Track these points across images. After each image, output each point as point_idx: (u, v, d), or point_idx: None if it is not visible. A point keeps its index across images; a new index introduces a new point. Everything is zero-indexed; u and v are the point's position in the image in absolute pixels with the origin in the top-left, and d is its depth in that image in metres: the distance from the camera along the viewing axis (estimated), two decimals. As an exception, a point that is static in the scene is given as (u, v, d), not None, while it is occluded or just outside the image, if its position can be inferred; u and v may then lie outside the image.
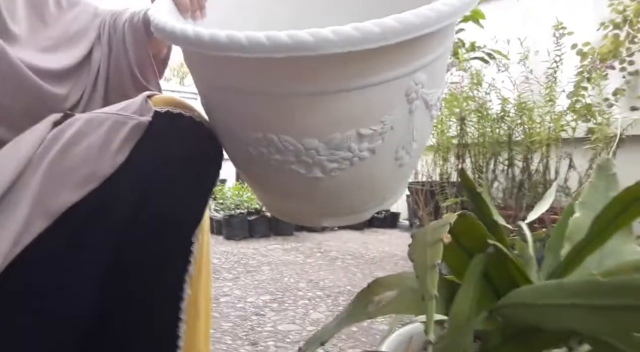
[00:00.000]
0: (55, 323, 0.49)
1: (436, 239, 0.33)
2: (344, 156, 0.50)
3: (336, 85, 0.45)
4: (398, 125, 0.50)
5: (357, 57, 0.41)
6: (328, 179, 0.51)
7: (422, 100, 0.51)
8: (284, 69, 0.44)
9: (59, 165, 0.49)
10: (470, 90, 1.91)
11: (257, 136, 0.50)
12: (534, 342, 0.32)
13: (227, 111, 0.53)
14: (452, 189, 1.97)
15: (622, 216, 0.39)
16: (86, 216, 0.50)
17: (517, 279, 0.44)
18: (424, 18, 0.41)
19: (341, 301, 1.57)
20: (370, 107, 0.47)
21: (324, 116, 0.47)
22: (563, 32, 1.76)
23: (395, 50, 0.42)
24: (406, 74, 0.47)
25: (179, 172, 0.54)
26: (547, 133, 1.75)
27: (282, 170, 0.52)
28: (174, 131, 0.55)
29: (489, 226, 0.45)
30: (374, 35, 0.40)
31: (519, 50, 1.86)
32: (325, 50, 0.39)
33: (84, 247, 0.50)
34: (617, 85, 1.76)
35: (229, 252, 2.41)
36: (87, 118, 0.53)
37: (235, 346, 1.19)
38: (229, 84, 0.48)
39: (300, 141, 0.48)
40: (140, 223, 0.53)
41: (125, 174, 0.52)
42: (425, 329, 0.27)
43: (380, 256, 2.36)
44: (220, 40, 0.41)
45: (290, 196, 0.59)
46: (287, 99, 0.46)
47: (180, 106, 0.57)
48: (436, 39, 0.49)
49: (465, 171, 0.50)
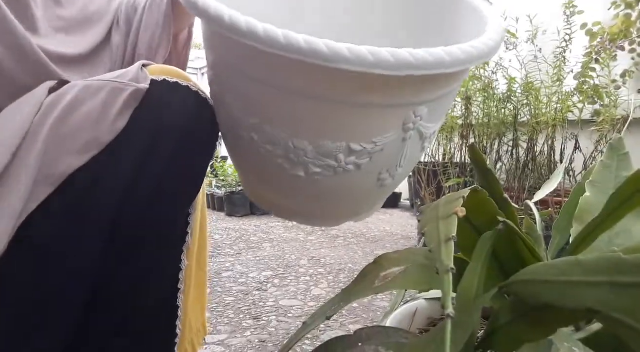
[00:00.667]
0: (64, 279, 0.50)
1: (449, 212, 0.33)
2: (329, 164, 0.51)
3: (340, 97, 0.46)
4: (388, 148, 0.51)
5: (366, 77, 0.42)
6: (309, 180, 0.52)
7: (417, 132, 0.52)
8: (296, 69, 0.44)
9: (60, 131, 0.49)
10: (477, 70, 1.88)
11: (253, 122, 0.50)
12: (547, 321, 0.31)
13: (233, 90, 0.52)
14: (455, 170, 1.96)
15: (637, 196, 0.38)
16: (88, 181, 0.50)
17: (526, 257, 0.43)
18: (439, 59, 0.42)
19: (342, 278, 1.58)
20: (366, 125, 0.48)
21: (321, 122, 0.48)
22: (573, 11, 1.72)
23: (404, 80, 0.43)
24: (409, 104, 0.48)
25: (177, 141, 0.54)
26: (553, 114, 1.73)
27: (269, 161, 0.52)
28: (171, 100, 0.55)
29: (499, 203, 0.44)
30: (387, 63, 0.40)
31: (527, 29, 1.83)
32: (337, 64, 0.40)
33: (86, 212, 0.50)
34: (626, 66, 1.73)
35: (231, 229, 2.42)
36: (84, 85, 0.53)
37: (238, 320, 1.20)
38: (244, 68, 0.48)
39: (291, 139, 0.49)
40: (139, 192, 0.53)
41: (124, 141, 0.52)
42: (442, 304, 0.26)
43: (381, 234, 2.36)
44: (258, 32, 0.41)
45: (270, 186, 0.60)
46: (292, 97, 0.47)
47: (176, 75, 0.57)
48: (445, 79, 0.49)
49: (475, 147, 0.49)
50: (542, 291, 0.31)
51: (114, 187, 0.52)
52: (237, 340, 1.09)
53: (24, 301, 0.49)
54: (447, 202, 0.35)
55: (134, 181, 0.53)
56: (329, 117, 0.47)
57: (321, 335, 1.10)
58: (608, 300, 0.24)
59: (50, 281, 0.49)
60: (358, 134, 0.49)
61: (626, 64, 1.73)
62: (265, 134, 0.50)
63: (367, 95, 0.45)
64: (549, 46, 1.78)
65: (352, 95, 0.45)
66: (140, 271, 0.57)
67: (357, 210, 0.65)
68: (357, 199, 0.60)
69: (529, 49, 1.83)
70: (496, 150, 1.91)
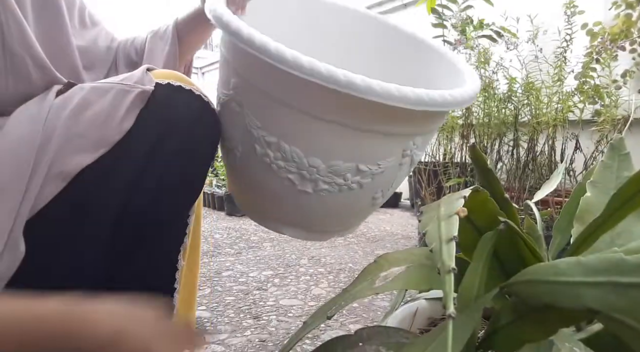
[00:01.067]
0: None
1: (451, 212, 0.33)
2: (338, 182, 0.56)
3: (359, 124, 0.51)
4: (387, 171, 0.57)
5: (386, 109, 0.48)
6: (315, 196, 0.58)
7: (410, 158, 0.59)
8: (325, 97, 0.49)
9: (70, 130, 0.51)
10: (477, 69, 1.88)
11: (270, 140, 0.55)
12: (548, 321, 0.31)
13: (254, 110, 0.56)
14: (456, 169, 1.96)
15: (638, 196, 0.38)
16: (96, 178, 0.51)
17: (527, 257, 0.43)
18: (444, 99, 0.50)
19: (342, 278, 1.58)
20: (375, 149, 0.55)
21: (338, 145, 0.53)
22: (574, 11, 1.72)
23: (414, 114, 0.50)
24: (411, 134, 0.55)
25: (180, 141, 0.56)
26: (554, 114, 1.73)
27: (278, 176, 0.57)
28: (176, 101, 0.56)
29: (500, 203, 0.44)
30: (408, 99, 0.47)
31: (528, 29, 1.82)
32: (367, 96, 0.46)
33: (92, 209, 0.51)
34: (627, 66, 1.73)
35: (231, 228, 2.42)
36: (91, 87, 0.55)
37: (238, 319, 1.20)
38: (273, 92, 0.53)
39: (307, 157, 0.54)
40: (143, 190, 0.54)
41: (130, 141, 0.53)
42: (443, 304, 0.26)
43: (381, 234, 2.36)
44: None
45: (271, 199, 0.63)
46: (314, 120, 0.52)
47: (179, 79, 0.58)
48: (441, 115, 0.59)
49: (476, 147, 0.49)
50: (543, 291, 0.31)
51: (120, 185, 0.53)
52: (237, 339, 1.09)
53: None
54: (448, 202, 0.35)
55: (139, 178, 0.54)
56: (345, 140, 0.53)
57: (321, 334, 1.10)
58: (609, 300, 0.24)
59: (52, 280, 0.49)
60: (367, 157, 0.55)
61: (627, 64, 1.73)
62: (281, 151, 0.55)
63: (382, 124, 0.51)
64: (549, 46, 1.78)
65: (369, 123, 0.51)
66: (139, 271, 0.57)
67: (348, 225, 0.72)
68: (351, 215, 0.67)
69: (530, 48, 1.83)
70: (496, 150, 1.91)
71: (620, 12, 1.73)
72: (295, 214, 0.64)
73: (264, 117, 0.55)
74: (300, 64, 0.46)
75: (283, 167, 0.56)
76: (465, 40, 1.91)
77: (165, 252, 0.61)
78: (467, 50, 1.90)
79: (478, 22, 1.90)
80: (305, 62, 0.46)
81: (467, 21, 1.91)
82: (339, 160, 0.54)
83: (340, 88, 0.45)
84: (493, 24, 1.89)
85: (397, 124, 0.53)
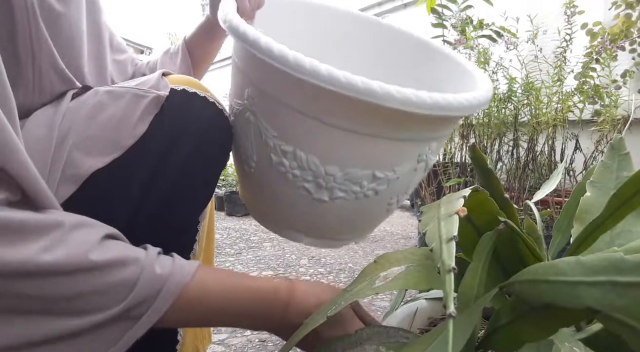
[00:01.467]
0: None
1: (451, 212, 0.33)
2: (354, 190, 0.56)
3: (376, 131, 0.51)
4: (403, 177, 0.57)
5: (403, 115, 0.48)
6: (330, 204, 0.57)
7: (425, 163, 0.58)
8: (342, 104, 0.49)
9: (84, 133, 0.51)
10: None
11: (286, 149, 0.55)
12: (548, 320, 0.31)
13: (270, 119, 0.56)
14: (456, 169, 1.96)
15: (638, 196, 0.38)
16: (108, 182, 0.51)
17: (527, 257, 0.43)
18: (461, 104, 0.49)
19: (342, 278, 1.58)
20: (391, 156, 0.54)
21: (354, 152, 0.53)
22: (574, 11, 1.72)
23: (429, 119, 0.50)
24: (427, 139, 0.55)
25: (193, 148, 0.56)
26: (553, 114, 1.73)
27: (294, 185, 0.57)
28: (190, 108, 0.56)
29: (500, 203, 0.44)
30: (425, 104, 0.46)
31: (528, 28, 1.82)
32: (386, 102, 0.45)
33: (103, 212, 0.52)
34: (626, 66, 1.73)
35: (231, 228, 2.42)
36: (106, 90, 0.55)
37: (237, 319, 1.20)
38: (289, 101, 0.52)
39: (324, 165, 0.54)
40: (154, 195, 0.54)
41: (143, 146, 0.53)
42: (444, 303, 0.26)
43: (381, 234, 2.36)
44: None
45: (286, 208, 0.63)
46: (331, 129, 0.51)
47: (195, 86, 0.59)
48: (455, 120, 0.58)
49: (476, 147, 0.49)
50: (543, 290, 0.31)
51: (132, 189, 0.53)
52: (237, 339, 1.09)
53: None
54: (448, 202, 0.35)
55: (150, 183, 0.54)
56: (363, 147, 0.52)
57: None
58: (609, 300, 0.24)
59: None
60: (383, 163, 0.54)
61: (626, 64, 1.73)
62: (297, 160, 0.55)
63: (398, 130, 0.51)
64: (549, 46, 1.78)
65: (386, 129, 0.51)
66: None
67: (362, 231, 0.71)
68: (366, 222, 0.66)
69: (530, 48, 1.83)
70: (496, 150, 1.91)
71: (620, 12, 1.73)
72: (311, 222, 0.64)
73: (280, 127, 0.55)
74: (318, 72, 0.46)
75: (299, 176, 0.56)
76: (465, 40, 1.91)
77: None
78: (467, 50, 1.90)
79: (478, 22, 1.90)
80: (324, 70, 0.46)
81: (466, 21, 1.91)
82: (355, 168, 0.54)
83: (359, 95, 0.45)
84: (493, 24, 1.89)
85: (413, 130, 0.53)
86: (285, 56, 0.47)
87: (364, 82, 0.45)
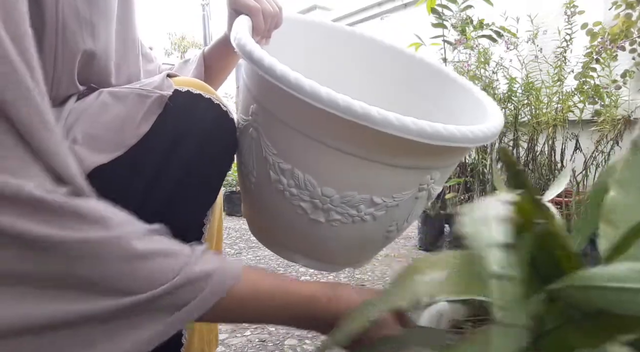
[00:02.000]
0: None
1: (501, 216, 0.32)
2: (351, 213, 0.56)
3: (376, 157, 0.51)
4: (403, 205, 0.57)
5: (403, 142, 0.48)
6: (327, 226, 0.57)
7: (427, 192, 0.58)
8: (348, 131, 0.49)
9: (88, 132, 0.51)
10: (477, 69, 1.88)
11: (285, 167, 0.55)
12: (601, 327, 0.31)
13: (269, 134, 0.56)
14: (456, 169, 1.97)
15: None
16: (109, 181, 0.51)
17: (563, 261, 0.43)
18: (464, 135, 0.50)
19: (343, 278, 1.57)
20: (390, 182, 0.54)
21: (353, 176, 0.53)
22: (574, 11, 1.73)
23: (431, 148, 0.50)
24: (428, 168, 0.55)
25: (196, 148, 0.56)
26: (553, 114, 1.73)
27: (290, 203, 0.57)
28: (194, 109, 0.56)
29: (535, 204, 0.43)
30: (425, 133, 0.47)
31: (528, 29, 1.83)
32: (383, 128, 0.45)
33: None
34: (627, 66, 1.74)
35: (231, 228, 2.41)
36: (109, 91, 0.55)
37: (243, 321, 1.19)
38: (285, 117, 0.53)
39: (321, 187, 0.54)
40: (157, 195, 0.54)
41: (147, 145, 0.53)
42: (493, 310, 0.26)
43: (380, 234, 2.36)
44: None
45: (283, 226, 0.63)
46: (332, 151, 0.51)
47: (200, 88, 0.58)
48: (460, 151, 0.58)
49: (506, 149, 0.49)
50: (597, 296, 0.30)
51: (134, 188, 0.53)
52: (237, 339, 1.09)
53: None
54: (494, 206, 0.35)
55: (153, 182, 0.54)
56: (360, 171, 0.53)
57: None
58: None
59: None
60: (382, 189, 0.54)
61: (627, 64, 1.74)
62: (294, 178, 0.55)
63: (398, 157, 0.51)
64: (549, 46, 1.79)
65: (385, 155, 0.51)
66: None
67: (359, 258, 0.71)
68: (363, 247, 0.66)
69: (530, 48, 1.84)
70: (496, 150, 1.92)
71: (620, 12, 1.74)
72: (307, 244, 0.64)
73: (280, 145, 0.55)
74: (319, 94, 0.46)
75: (296, 195, 0.56)
76: (465, 40, 1.91)
77: None
78: (467, 50, 1.90)
79: (478, 22, 1.90)
80: (324, 93, 0.46)
81: (467, 21, 1.91)
82: (353, 191, 0.54)
83: (357, 119, 0.46)
84: (493, 24, 1.89)
85: (414, 158, 0.53)
86: (287, 76, 0.48)
87: (362, 107, 0.46)
